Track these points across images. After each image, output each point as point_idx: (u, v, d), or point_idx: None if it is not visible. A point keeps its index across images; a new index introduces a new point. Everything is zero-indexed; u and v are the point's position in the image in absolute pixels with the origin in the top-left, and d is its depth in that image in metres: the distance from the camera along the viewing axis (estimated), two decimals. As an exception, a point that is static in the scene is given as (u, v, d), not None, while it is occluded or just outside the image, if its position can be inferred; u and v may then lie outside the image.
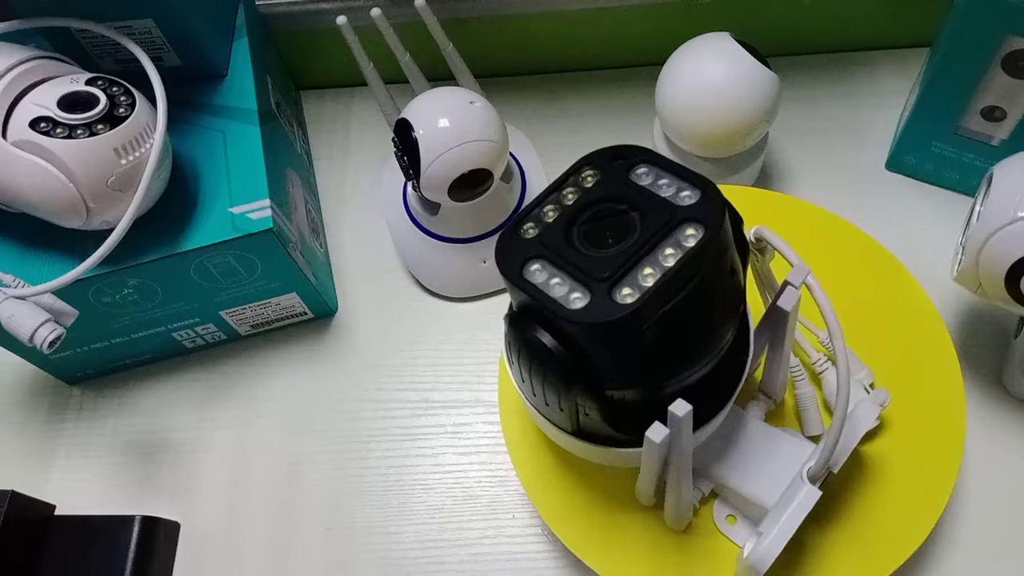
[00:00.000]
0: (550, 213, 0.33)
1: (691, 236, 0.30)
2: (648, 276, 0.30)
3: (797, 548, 0.41)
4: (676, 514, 0.40)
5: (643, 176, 0.32)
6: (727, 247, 0.32)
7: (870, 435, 0.43)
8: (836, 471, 0.37)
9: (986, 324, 0.51)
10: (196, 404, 0.54)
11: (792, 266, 0.36)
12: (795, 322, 0.37)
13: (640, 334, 0.30)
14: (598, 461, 0.38)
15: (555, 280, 0.31)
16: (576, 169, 0.33)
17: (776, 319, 0.37)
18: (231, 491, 0.51)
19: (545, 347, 0.31)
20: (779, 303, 0.36)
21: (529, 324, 0.31)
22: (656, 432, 0.32)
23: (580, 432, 0.36)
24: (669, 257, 0.30)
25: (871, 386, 0.44)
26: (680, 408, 0.32)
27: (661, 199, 0.31)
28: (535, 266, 0.32)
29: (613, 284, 0.30)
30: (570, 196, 0.33)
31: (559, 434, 0.37)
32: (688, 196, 0.31)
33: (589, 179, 0.33)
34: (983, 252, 0.41)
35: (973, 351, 0.50)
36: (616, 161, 0.33)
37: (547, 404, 0.34)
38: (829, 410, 0.45)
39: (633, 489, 0.42)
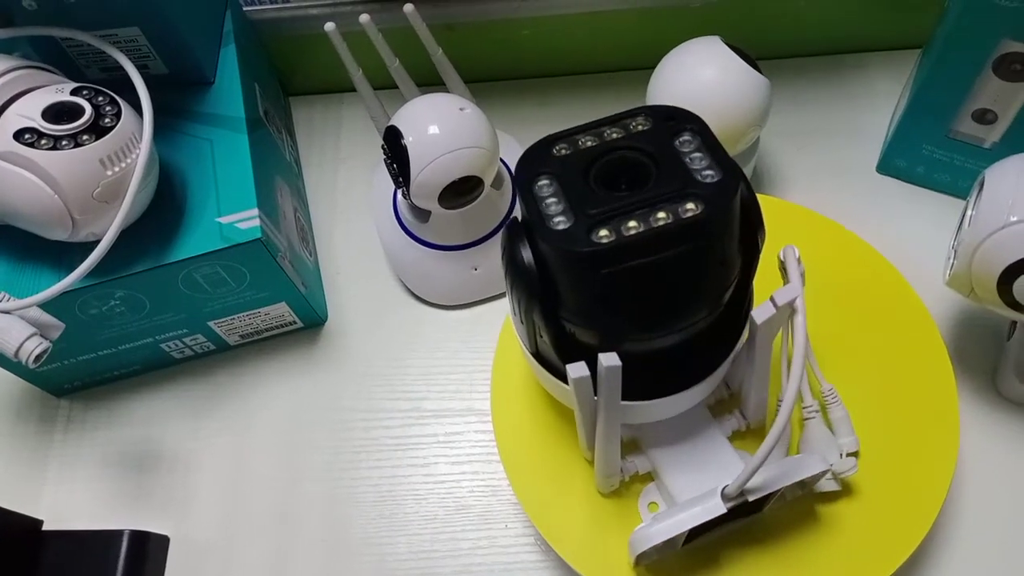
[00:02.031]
0: (586, 142, 0.33)
1: (689, 211, 0.30)
2: (631, 228, 0.30)
3: (796, 553, 0.41)
4: (600, 472, 0.41)
5: (684, 143, 0.32)
6: (720, 235, 0.32)
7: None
8: (751, 500, 0.36)
9: (979, 327, 0.51)
10: (186, 415, 0.53)
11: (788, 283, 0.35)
12: (769, 342, 0.37)
13: (599, 276, 0.30)
14: (550, 391, 0.39)
15: (552, 200, 0.32)
16: (631, 114, 0.33)
17: (751, 333, 0.37)
18: (222, 502, 0.51)
19: (521, 258, 0.32)
20: (752, 313, 0.35)
21: (517, 233, 0.32)
22: (575, 368, 0.33)
23: (538, 356, 0.37)
24: (660, 220, 0.30)
25: (854, 455, 0.42)
26: (608, 359, 0.32)
27: (684, 168, 0.31)
28: (544, 182, 0.32)
29: (597, 222, 0.30)
30: (611, 134, 0.33)
31: (526, 352, 0.38)
32: (709, 176, 0.31)
33: (636, 126, 0.33)
34: (975, 256, 0.41)
35: (966, 354, 0.50)
36: (668, 121, 0.33)
37: (515, 316, 0.35)
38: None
39: (633, 502, 0.42)
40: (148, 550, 0.47)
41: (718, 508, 0.36)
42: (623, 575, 0.41)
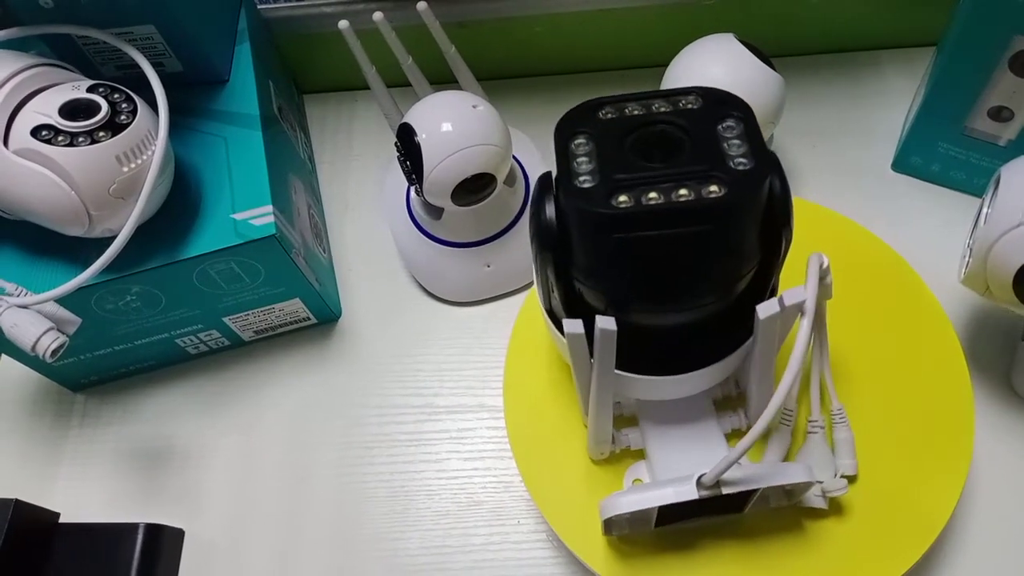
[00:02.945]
0: (633, 110, 0.33)
1: (711, 192, 0.30)
2: (651, 199, 0.30)
3: (813, 544, 0.41)
4: (591, 436, 0.41)
5: (727, 128, 0.32)
6: (737, 222, 0.32)
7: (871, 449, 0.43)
8: (727, 494, 0.36)
9: (994, 326, 0.51)
10: (200, 410, 0.54)
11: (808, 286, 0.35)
12: (773, 341, 0.36)
13: (610, 240, 0.31)
14: (560, 351, 0.39)
15: (584, 159, 0.32)
16: (685, 91, 0.33)
17: (755, 328, 0.37)
18: (235, 497, 0.51)
19: (544, 210, 0.32)
20: (758, 306, 0.35)
21: (546, 187, 0.33)
22: (571, 324, 0.34)
23: (550, 313, 0.38)
24: (681, 196, 0.30)
25: (850, 479, 0.42)
26: (604, 322, 0.33)
27: (719, 152, 0.31)
28: (581, 140, 0.32)
29: (620, 187, 0.30)
30: (659, 107, 0.33)
31: (541, 309, 0.38)
32: (742, 163, 0.31)
33: (686, 104, 0.33)
34: (991, 254, 0.40)
35: (981, 353, 0.50)
36: (718, 104, 0.33)
37: (533, 269, 0.36)
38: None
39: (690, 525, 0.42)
40: (163, 543, 0.48)
41: (690, 493, 0.36)
42: (634, 570, 0.41)
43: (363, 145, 0.63)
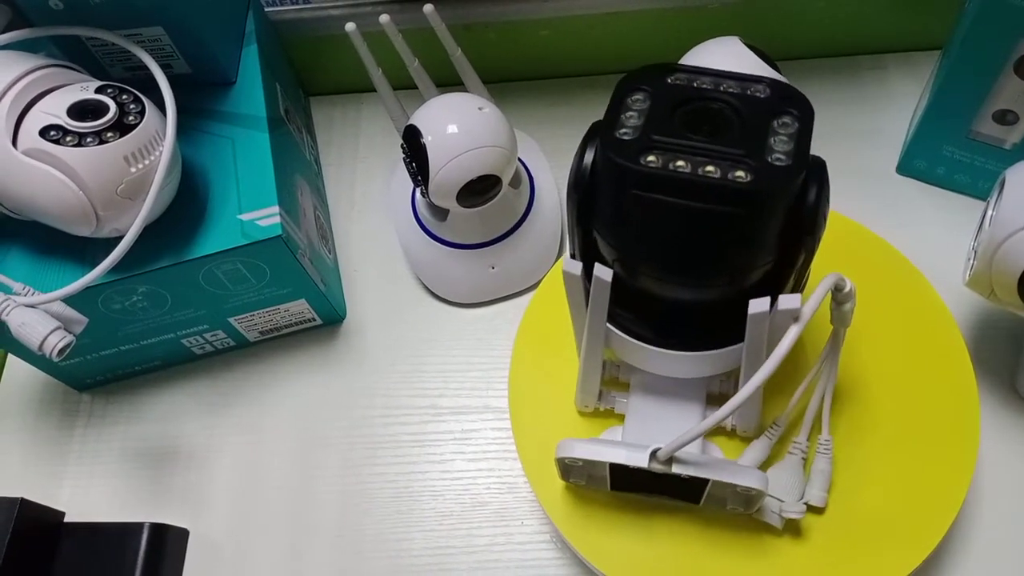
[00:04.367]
0: (701, 83, 0.33)
1: (737, 177, 0.30)
2: (678, 166, 0.30)
3: (810, 546, 0.41)
4: (579, 385, 0.43)
5: (782, 124, 0.32)
6: (753, 215, 0.31)
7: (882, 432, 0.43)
8: (677, 473, 0.36)
9: (999, 328, 0.51)
10: (205, 410, 0.54)
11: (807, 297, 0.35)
12: (762, 339, 0.36)
13: (628, 194, 0.31)
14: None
15: (634, 114, 0.32)
16: (758, 79, 0.34)
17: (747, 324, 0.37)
18: (239, 497, 0.51)
19: (582, 155, 0.33)
20: (751, 301, 0.34)
21: (592, 133, 0.33)
22: (570, 264, 0.35)
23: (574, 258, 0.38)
24: (707, 172, 0.30)
25: (815, 509, 0.41)
26: (601, 271, 0.34)
27: (763, 143, 0.31)
28: (639, 96, 0.33)
29: (654, 147, 0.31)
30: (727, 87, 0.33)
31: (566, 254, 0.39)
32: (779, 160, 0.31)
33: (753, 92, 0.33)
34: (995, 257, 0.40)
35: (986, 355, 0.50)
36: (783, 100, 0.33)
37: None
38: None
39: (646, 497, 0.42)
40: (168, 542, 0.48)
41: (640, 461, 0.36)
42: (641, 572, 0.41)
43: (368, 147, 0.63)
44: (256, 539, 0.50)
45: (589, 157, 0.33)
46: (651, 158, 0.31)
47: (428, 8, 0.49)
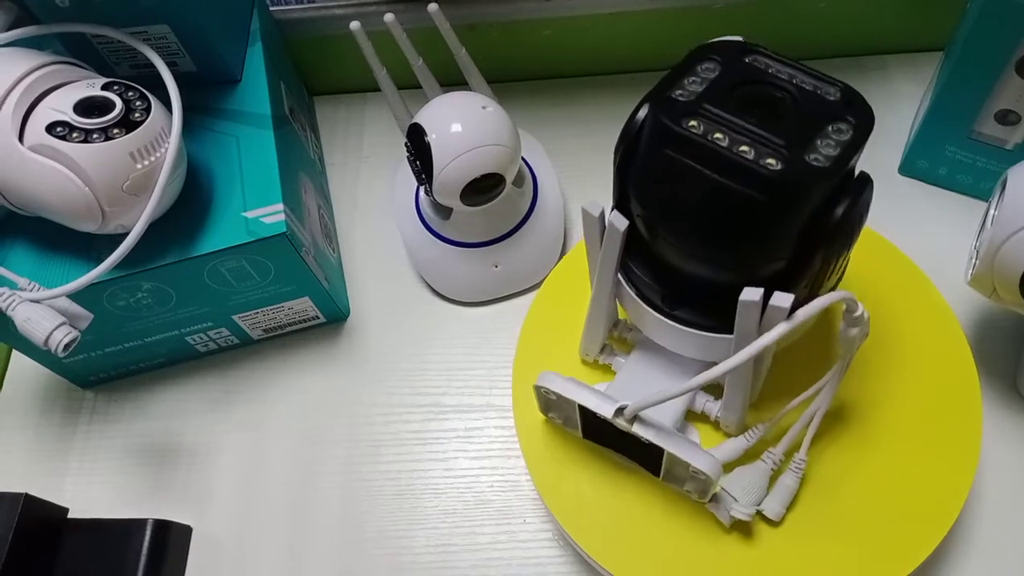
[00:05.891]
0: (778, 72, 0.33)
1: (767, 164, 0.30)
2: (716, 139, 0.31)
3: (809, 545, 0.41)
4: (584, 332, 0.44)
5: (836, 129, 0.32)
6: (773, 205, 0.31)
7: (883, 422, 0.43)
8: (635, 435, 0.37)
9: (1001, 328, 0.51)
10: (209, 408, 0.54)
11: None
12: (751, 334, 0.35)
13: (659, 152, 0.32)
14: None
15: (696, 80, 0.33)
16: (832, 81, 0.34)
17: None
18: (242, 494, 0.51)
19: (639, 110, 0.34)
20: (746, 288, 0.34)
21: (645, 101, 0.34)
22: (591, 206, 0.36)
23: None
24: (741, 150, 0.31)
25: (768, 520, 0.41)
26: (617, 220, 0.35)
27: (809, 142, 0.31)
28: (709, 66, 0.34)
29: (699, 115, 0.32)
30: (800, 82, 0.33)
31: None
32: (816, 161, 0.31)
33: (824, 92, 0.33)
34: (997, 256, 0.41)
35: (987, 355, 0.50)
36: (846, 106, 0.33)
37: None
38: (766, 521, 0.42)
39: (651, 497, 0.42)
40: (170, 539, 0.48)
41: (605, 411, 0.38)
42: (645, 566, 0.41)
43: (372, 146, 0.63)
44: (259, 536, 0.50)
45: (643, 112, 0.34)
46: (693, 123, 0.31)
47: (432, 7, 0.50)
